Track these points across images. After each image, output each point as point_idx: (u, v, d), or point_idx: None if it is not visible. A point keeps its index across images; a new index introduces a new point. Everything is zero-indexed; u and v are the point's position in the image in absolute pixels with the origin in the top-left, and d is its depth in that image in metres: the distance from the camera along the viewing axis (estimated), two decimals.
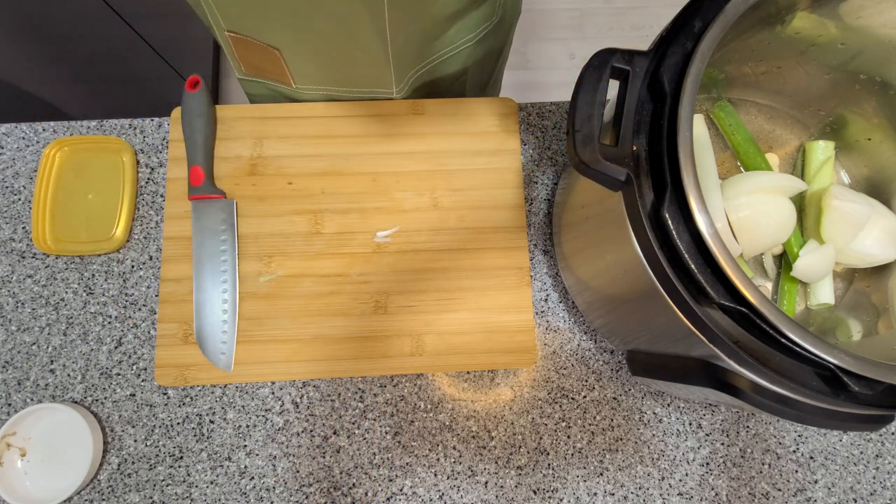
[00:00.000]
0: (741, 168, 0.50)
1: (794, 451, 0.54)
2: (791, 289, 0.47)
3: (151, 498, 0.51)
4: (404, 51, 0.54)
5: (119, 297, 0.55)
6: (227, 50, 0.56)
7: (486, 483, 0.52)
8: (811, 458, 0.53)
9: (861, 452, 0.54)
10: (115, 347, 0.54)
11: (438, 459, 0.52)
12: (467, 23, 0.57)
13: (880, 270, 0.47)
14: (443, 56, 0.58)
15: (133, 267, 0.56)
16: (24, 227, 0.56)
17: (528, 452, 0.53)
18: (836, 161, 0.50)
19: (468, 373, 0.55)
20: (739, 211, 0.43)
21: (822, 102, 0.48)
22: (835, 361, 0.30)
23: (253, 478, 0.52)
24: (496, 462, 0.52)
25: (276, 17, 0.49)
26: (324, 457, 0.52)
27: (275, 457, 0.52)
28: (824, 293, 0.47)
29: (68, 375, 0.53)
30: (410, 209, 0.57)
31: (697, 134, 0.47)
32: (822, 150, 0.48)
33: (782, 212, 0.44)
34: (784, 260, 0.48)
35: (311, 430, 0.53)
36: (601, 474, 0.52)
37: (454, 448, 0.53)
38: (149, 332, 0.54)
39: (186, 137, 0.56)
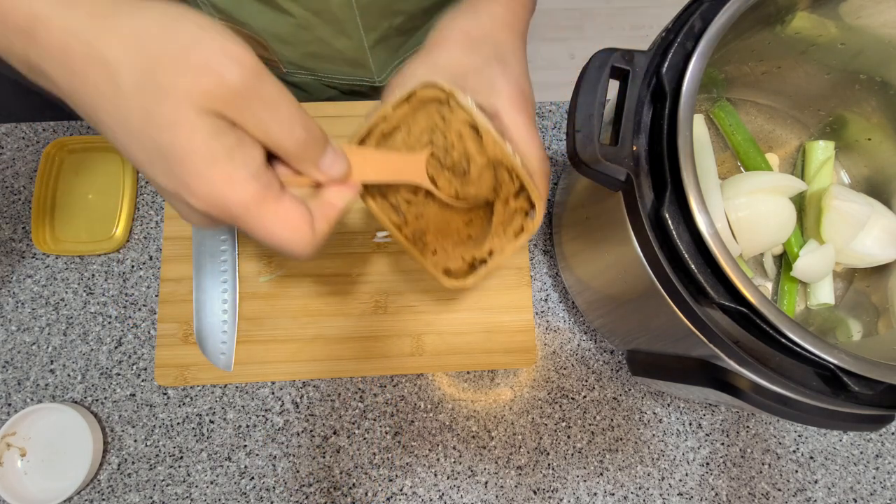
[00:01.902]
0: (741, 168, 0.50)
1: (794, 451, 0.54)
2: (791, 289, 0.47)
3: (151, 498, 0.51)
4: (383, 44, 0.55)
5: (119, 297, 0.55)
6: None
7: (486, 483, 0.52)
8: (811, 458, 0.53)
9: (861, 452, 0.54)
10: (115, 347, 0.54)
11: (438, 459, 0.52)
12: None
13: (880, 270, 0.47)
14: None
15: (133, 267, 0.56)
16: (24, 227, 0.56)
17: (528, 452, 0.53)
18: (836, 161, 0.50)
19: (468, 373, 0.55)
20: (739, 211, 0.43)
21: (822, 102, 0.48)
22: (835, 361, 0.30)
23: (253, 478, 0.52)
24: (496, 462, 0.52)
25: (254, 2, 0.51)
26: (324, 457, 0.52)
27: (275, 457, 0.52)
28: (824, 293, 0.47)
29: (68, 375, 0.53)
30: None
31: (697, 134, 0.47)
32: (822, 150, 0.48)
33: (782, 212, 0.44)
34: (784, 260, 0.48)
35: (311, 430, 0.53)
36: (601, 474, 0.52)
37: (454, 448, 0.53)
38: (149, 332, 0.54)
39: None
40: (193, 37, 0.21)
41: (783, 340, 0.30)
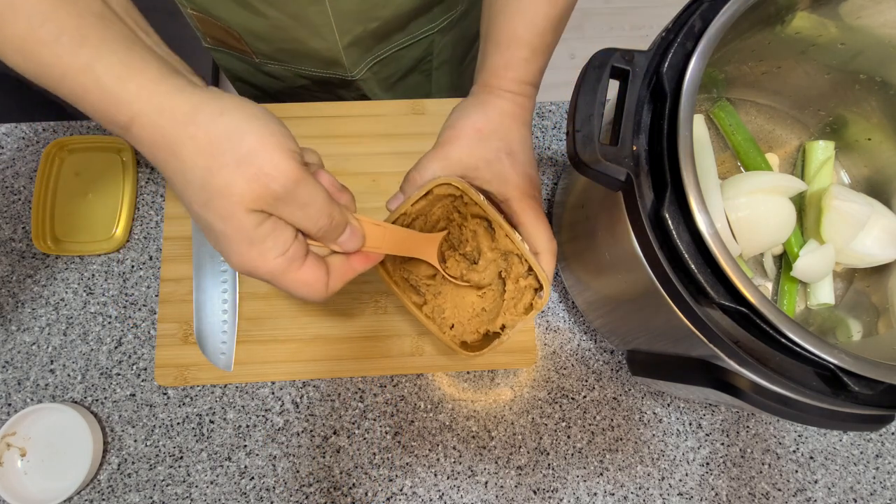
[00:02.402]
0: (741, 168, 0.50)
1: (794, 451, 0.54)
2: (791, 289, 0.47)
3: (151, 498, 0.51)
4: (357, 45, 0.57)
5: (119, 297, 0.55)
6: (192, 24, 0.60)
7: (486, 483, 0.52)
8: (811, 458, 0.53)
9: (861, 452, 0.54)
10: (115, 347, 0.54)
11: (438, 459, 0.52)
12: (429, 16, 0.58)
13: (880, 270, 0.47)
14: (403, 44, 0.61)
15: (133, 267, 0.56)
16: (24, 227, 0.56)
17: (528, 452, 0.53)
18: (836, 161, 0.50)
19: (468, 373, 0.55)
20: (739, 211, 0.43)
21: (822, 102, 0.48)
22: (835, 361, 0.30)
23: (253, 478, 0.52)
24: (496, 462, 0.52)
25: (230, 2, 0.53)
26: (324, 457, 0.52)
27: (275, 457, 0.52)
28: (824, 293, 0.47)
29: (68, 375, 0.53)
30: None
31: (697, 134, 0.47)
32: (822, 150, 0.48)
33: (782, 212, 0.44)
34: (784, 260, 0.48)
35: (311, 430, 0.53)
36: (601, 474, 0.52)
37: (454, 448, 0.53)
38: (149, 332, 0.54)
39: None
40: (251, 149, 0.26)
41: (783, 340, 0.30)
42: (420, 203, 0.39)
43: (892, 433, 0.54)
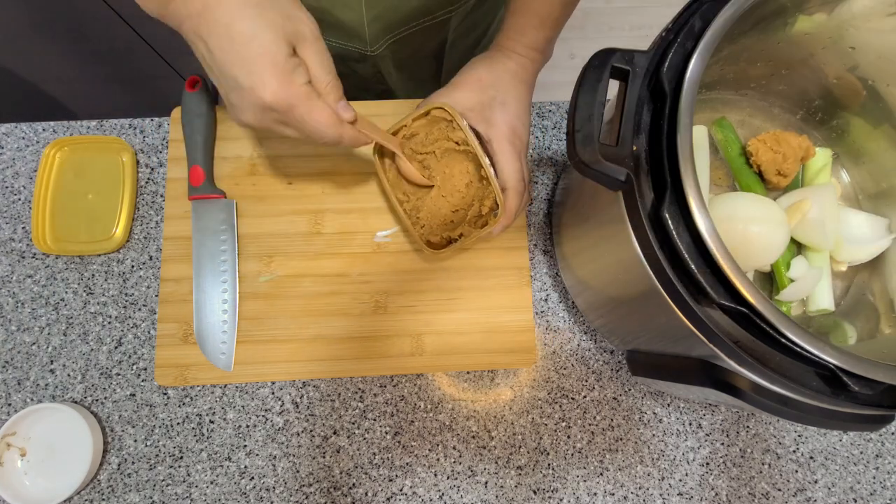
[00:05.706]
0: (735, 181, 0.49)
1: (794, 451, 0.54)
2: (786, 304, 0.47)
3: (151, 498, 0.51)
4: (379, 20, 0.57)
5: (119, 297, 0.55)
6: None
7: (486, 483, 0.52)
8: (811, 458, 0.53)
9: (861, 452, 0.54)
10: (115, 347, 0.54)
11: (438, 459, 0.52)
12: None
13: (880, 270, 0.47)
14: (423, 24, 0.60)
15: (133, 267, 0.56)
16: (24, 227, 0.56)
17: (528, 452, 0.53)
18: (838, 163, 0.50)
19: (468, 373, 0.55)
20: (725, 235, 0.42)
21: (822, 104, 0.48)
22: (835, 361, 0.30)
23: (253, 478, 0.52)
24: (496, 462, 0.52)
25: None
26: (324, 457, 0.52)
27: (275, 457, 0.52)
28: (824, 300, 0.46)
29: (68, 375, 0.53)
30: None
31: (696, 137, 0.47)
32: (820, 157, 0.48)
33: (773, 237, 0.43)
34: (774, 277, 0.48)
35: (311, 430, 0.53)
36: (601, 474, 0.52)
37: (454, 448, 0.53)
38: (149, 332, 0.54)
39: (186, 137, 0.56)
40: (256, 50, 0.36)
41: (783, 340, 0.30)
42: (420, 121, 0.48)
43: (892, 433, 0.54)
